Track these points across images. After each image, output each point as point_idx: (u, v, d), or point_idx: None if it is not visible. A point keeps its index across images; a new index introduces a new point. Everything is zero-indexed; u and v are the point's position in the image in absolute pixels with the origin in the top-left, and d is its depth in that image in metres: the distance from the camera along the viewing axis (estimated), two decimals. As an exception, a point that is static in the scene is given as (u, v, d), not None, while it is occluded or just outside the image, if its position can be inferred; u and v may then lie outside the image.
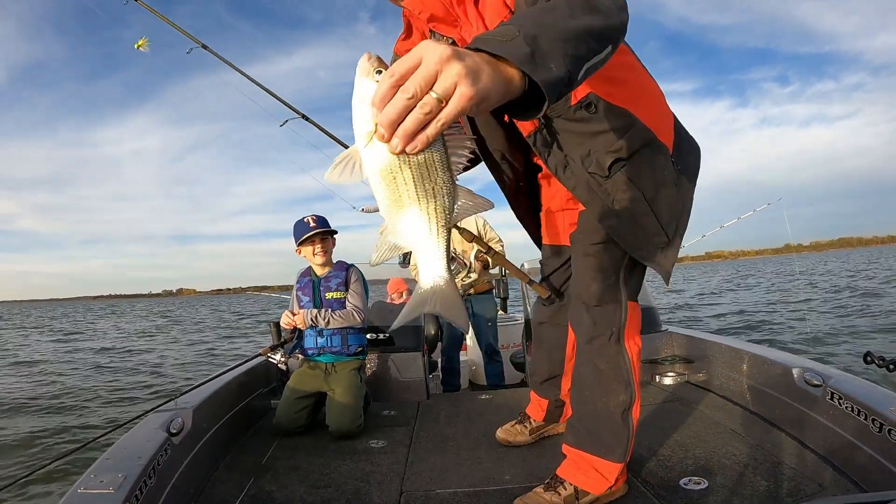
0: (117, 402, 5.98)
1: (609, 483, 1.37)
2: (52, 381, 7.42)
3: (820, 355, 5.94)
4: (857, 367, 4.70)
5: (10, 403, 5.97)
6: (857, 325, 8.16)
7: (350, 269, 2.42)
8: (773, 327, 8.75)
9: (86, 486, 1.15)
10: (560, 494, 1.37)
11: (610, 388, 1.38)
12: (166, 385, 6.74)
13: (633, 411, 1.38)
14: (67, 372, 8.47)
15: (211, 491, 1.58)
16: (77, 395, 6.41)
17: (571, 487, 1.38)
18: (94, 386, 6.96)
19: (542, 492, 1.39)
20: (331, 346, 2.28)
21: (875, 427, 1.36)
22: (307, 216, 2.37)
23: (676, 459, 1.61)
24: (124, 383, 7.16)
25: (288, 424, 2.11)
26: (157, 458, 1.36)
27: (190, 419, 1.65)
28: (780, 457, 1.57)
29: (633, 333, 1.40)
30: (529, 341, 2.93)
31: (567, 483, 1.39)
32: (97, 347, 12.22)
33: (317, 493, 1.54)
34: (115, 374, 8.01)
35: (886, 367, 1.41)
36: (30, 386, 7.12)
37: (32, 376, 8.09)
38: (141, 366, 8.80)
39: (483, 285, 3.48)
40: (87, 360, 9.96)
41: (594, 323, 1.39)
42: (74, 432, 4.71)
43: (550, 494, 1.38)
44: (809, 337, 7.41)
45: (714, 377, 2.29)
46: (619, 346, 1.38)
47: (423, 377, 2.69)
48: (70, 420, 5.24)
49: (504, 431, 1.89)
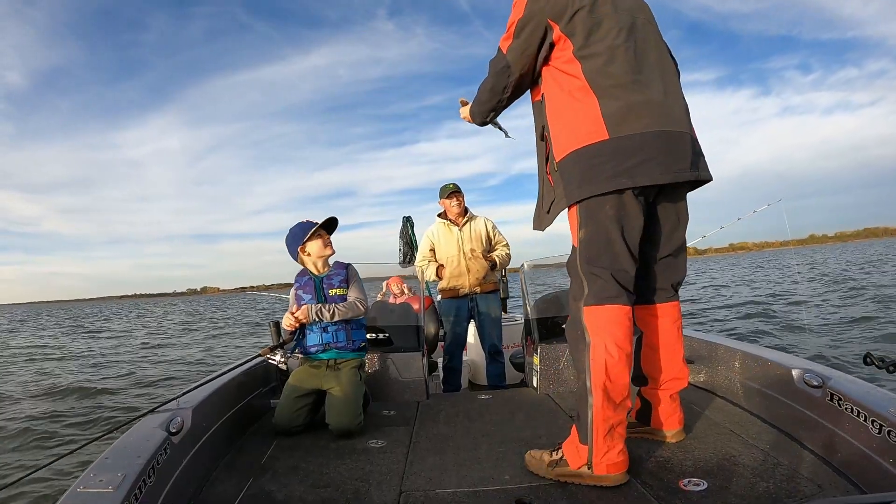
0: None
1: (582, 461, 1.46)
2: (73, 377, 7.48)
3: (820, 355, 5.94)
4: (857, 368, 4.70)
5: (24, 400, 6.02)
6: (858, 324, 8.16)
7: (349, 268, 2.46)
8: (774, 327, 8.75)
9: (85, 485, 1.15)
10: (551, 456, 1.55)
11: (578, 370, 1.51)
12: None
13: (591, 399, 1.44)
14: (82, 369, 8.53)
15: (210, 490, 1.58)
16: (104, 385, 6.48)
17: (560, 454, 1.53)
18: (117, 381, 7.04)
19: (545, 451, 1.58)
20: (336, 342, 2.29)
21: (875, 428, 1.36)
22: (304, 220, 2.40)
23: (676, 460, 1.61)
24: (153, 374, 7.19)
25: (287, 424, 2.11)
26: (156, 458, 1.35)
27: (189, 419, 1.65)
28: (780, 458, 1.57)
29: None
30: (529, 341, 2.93)
31: (560, 450, 1.54)
32: (139, 342, 12.37)
33: (316, 493, 1.54)
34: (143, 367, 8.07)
35: (886, 368, 1.41)
36: (49, 382, 7.17)
37: (47, 374, 8.13)
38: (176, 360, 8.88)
39: (489, 284, 3.49)
40: (115, 356, 10.06)
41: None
42: (88, 422, 4.75)
43: (546, 453, 1.57)
44: (809, 336, 7.41)
45: (714, 378, 2.29)
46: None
47: (422, 377, 2.69)
48: (105, 401, 5.28)
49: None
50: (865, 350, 1.60)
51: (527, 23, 1.49)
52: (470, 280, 3.40)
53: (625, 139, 1.40)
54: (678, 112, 1.50)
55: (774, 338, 7.77)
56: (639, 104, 1.42)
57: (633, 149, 1.40)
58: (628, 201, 1.44)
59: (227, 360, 8.42)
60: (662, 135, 1.42)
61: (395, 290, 4.14)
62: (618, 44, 1.44)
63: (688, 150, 1.47)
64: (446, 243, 3.45)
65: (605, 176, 1.41)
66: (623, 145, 1.40)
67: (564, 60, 1.48)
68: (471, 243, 3.41)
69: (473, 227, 3.46)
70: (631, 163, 1.39)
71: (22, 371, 8.88)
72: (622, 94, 1.42)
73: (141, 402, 5.77)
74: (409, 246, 5.57)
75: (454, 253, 3.41)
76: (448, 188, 3.44)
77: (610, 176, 1.40)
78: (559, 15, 1.45)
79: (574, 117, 1.47)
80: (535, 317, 2.83)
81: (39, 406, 5.74)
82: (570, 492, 1.45)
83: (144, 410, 1.67)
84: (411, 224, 5.66)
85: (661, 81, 1.49)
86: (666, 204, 1.57)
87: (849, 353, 6.08)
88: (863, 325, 8.04)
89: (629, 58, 1.45)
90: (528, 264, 3.12)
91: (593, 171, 1.42)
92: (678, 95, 1.54)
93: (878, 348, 6.45)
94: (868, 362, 1.49)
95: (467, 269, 3.39)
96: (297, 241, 2.37)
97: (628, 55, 1.45)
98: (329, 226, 2.44)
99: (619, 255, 1.46)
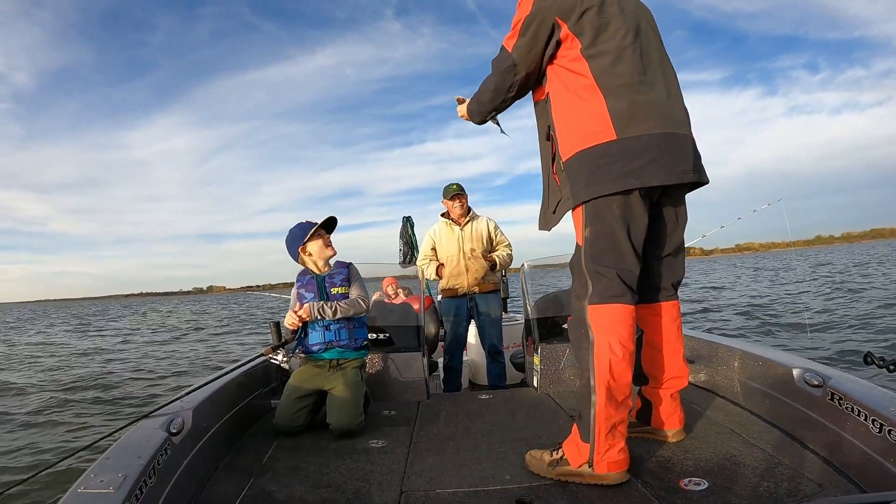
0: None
1: (583, 460, 1.46)
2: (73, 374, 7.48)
3: (820, 356, 5.94)
4: (857, 368, 4.69)
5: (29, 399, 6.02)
6: (857, 324, 8.15)
7: (350, 267, 2.46)
8: (773, 328, 8.75)
9: (86, 486, 1.15)
10: (552, 456, 1.55)
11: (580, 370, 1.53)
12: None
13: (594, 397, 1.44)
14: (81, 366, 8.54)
15: (211, 491, 1.58)
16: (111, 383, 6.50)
17: (560, 453, 1.54)
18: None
19: (546, 451, 1.59)
20: (339, 340, 2.29)
21: (875, 427, 1.35)
22: (305, 221, 2.41)
23: (677, 460, 1.61)
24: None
25: (288, 424, 2.11)
26: (157, 458, 1.35)
27: (190, 419, 1.65)
28: (781, 457, 1.57)
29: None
30: (529, 341, 2.93)
31: (560, 450, 1.54)
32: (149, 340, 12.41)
33: (317, 493, 1.54)
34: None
35: (887, 367, 1.41)
36: (45, 383, 7.18)
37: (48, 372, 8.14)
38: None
39: (488, 285, 3.49)
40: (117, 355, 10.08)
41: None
42: (85, 427, 4.74)
43: (546, 453, 1.57)
44: (808, 337, 7.40)
45: (714, 377, 2.29)
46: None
47: (423, 377, 2.69)
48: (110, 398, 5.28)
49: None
50: (866, 350, 1.60)
51: (533, 20, 1.49)
52: (469, 280, 3.40)
53: (632, 140, 1.41)
54: (680, 114, 1.52)
55: (774, 337, 7.77)
56: (644, 105, 1.43)
57: (639, 150, 1.41)
58: (634, 202, 1.45)
59: (236, 356, 8.43)
60: (667, 136, 1.44)
61: (390, 291, 4.14)
62: (625, 45, 1.46)
63: (690, 152, 1.49)
64: (447, 242, 3.46)
65: (612, 176, 1.42)
66: (630, 146, 1.41)
67: (571, 59, 1.49)
68: (471, 243, 3.42)
69: (475, 227, 3.47)
70: (638, 164, 1.41)
71: (26, 368, 8.89)
72: (628, 93, 1.43)
73: (147, 399, 5.77)
74: (409, 246, 5.57)
75: (454, 252, 3.42)
76: (451, 189, 3.44)
77: (617, 176, 1.42)
78: (567, 13, 1.46)
79: (580, 116, 1.48)
80: (536, 317, 2.83)
81: (40, 405, 5.73)
82: (571, 491, 1.45)
83: (145, 411, 1.67)
84: (411, 224, 5.66)
85: (665, 84, 1.51)
86: (667, 204, 1.58)
87: (849, 352, 6.08)
88: (863, 325, 8.04)
89: (635, 59, 1.46)
90: (529, 264, 3.12)
91: (600, 171, 1.43)
92: (680, 98, 1.56)
93: (878, 348, 6.45)
94: (868, 362, 1.48)
95: (466, 268, 3.40)
96: (298, 241, 2.37)
97: (635, 56, 1.46)
98: (328, 225, 2.44)
99: (624, 255, 1.47)
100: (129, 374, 7.61)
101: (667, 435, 1.75)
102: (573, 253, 1.58)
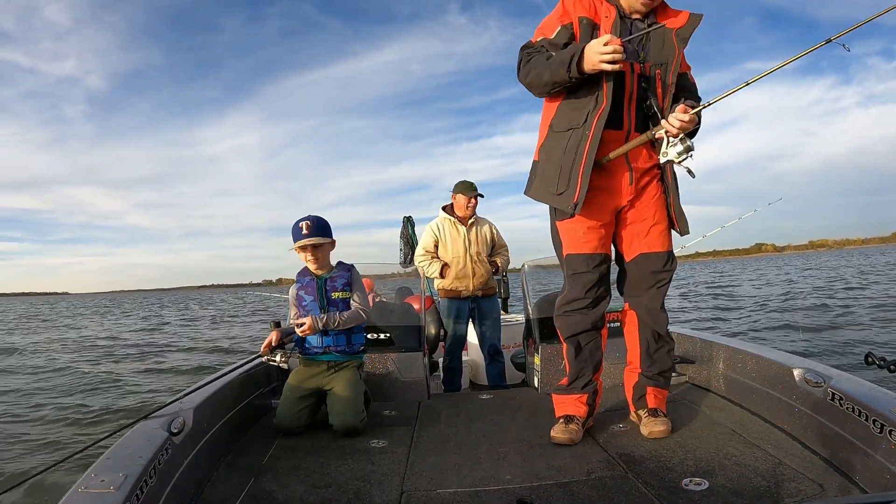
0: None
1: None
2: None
3: (820, 355, 5.94)
4: (857, 368, 4.69)
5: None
6: (859, 323, 8.15)
7: (353, 271, 2.40)
8: (774, 327, 8.75)
9: (86, 486, 1.15)
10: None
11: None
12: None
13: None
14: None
15: (211, 491, 1.58)
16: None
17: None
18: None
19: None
20: (336, 346, 2.27)
21: (876, 428, 1.35)
22: (304, 220, 2.26)
23: (677, 460, 1.61)
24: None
25: (288, 424, 2.11)
26: (157, 458, 1.35)
27: (190, 419, 1.65)
28: (781, 457, 1.57)
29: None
30: (530, 341, 2.93)
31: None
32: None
33: (317, 493, 1.54)
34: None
35: (888, 367, 1.40)
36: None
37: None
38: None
39: (489, 289, 3.51)
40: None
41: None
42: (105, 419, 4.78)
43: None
44: (809, 336, 7.41)
45: (715, 377, 2.29)
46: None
47: (423, 377, 2.69)
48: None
49: (562, 431, 1.85)
50: (867, 350, 1.60)
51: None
52: (474, 283, 3.40)
53: None
54: None
55: (774, 339, 7.77)
56: None
57: None
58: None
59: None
60: None
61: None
62: None
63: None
64: (452, 242, 3.42)
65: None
66: None
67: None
68: (477, 246, 3.40)
69: (480, 230, 3.45)
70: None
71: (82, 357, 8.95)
72: None
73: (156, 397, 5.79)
74: (410, 246, 5.57)
75: (461, 253, 3.39)
76: (471, 186, 3.40)
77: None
78: None
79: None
80: (536, 317, 2.83)
81: (43, 404, 5.73)
82: (571, 491, 1.45)
83: (145, 412, 1.68)
84: (412, 224, 5.65)
85: None
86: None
87: (850, 352, 6.08)
88: (866, 324, 8.04)
89: None
90: (529, 264, 3.12)
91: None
92: None
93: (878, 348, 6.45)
94: (869, 362, 1.48)
95: (472, 272, 3.39)
96: (292, 240, 2.29)
97: None
98: (322, 230, 2.29)
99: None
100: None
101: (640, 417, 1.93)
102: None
